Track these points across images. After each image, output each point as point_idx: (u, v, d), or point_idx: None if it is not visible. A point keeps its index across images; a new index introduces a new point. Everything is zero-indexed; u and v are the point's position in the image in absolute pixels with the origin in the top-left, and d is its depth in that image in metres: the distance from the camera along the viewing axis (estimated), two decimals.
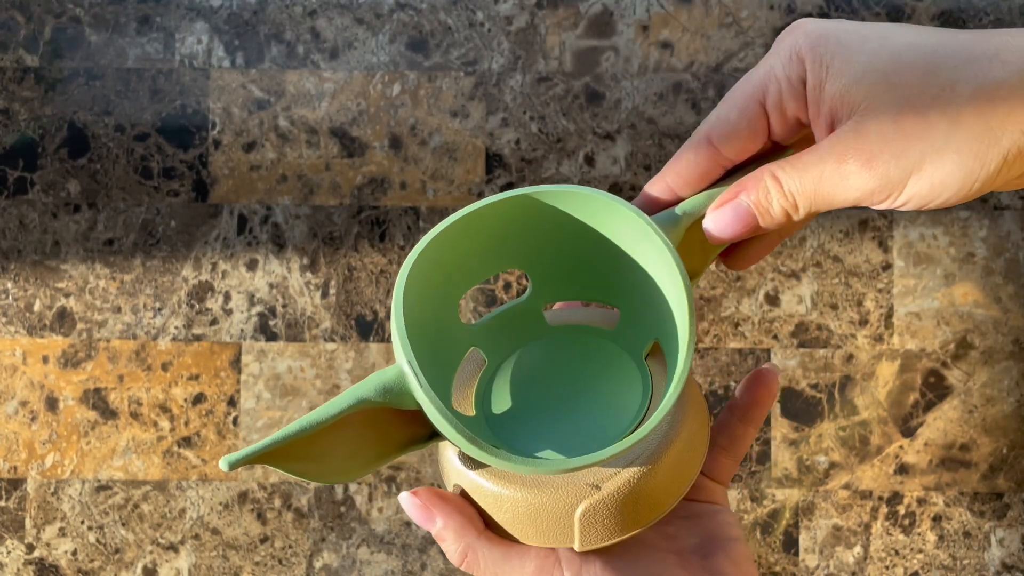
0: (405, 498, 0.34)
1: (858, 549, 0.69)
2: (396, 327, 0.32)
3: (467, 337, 0.37)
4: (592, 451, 0.32)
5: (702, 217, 0.34)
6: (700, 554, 0.34)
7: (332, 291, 0.70)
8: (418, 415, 0.32)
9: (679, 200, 0.35)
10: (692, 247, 0.36)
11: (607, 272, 0.36)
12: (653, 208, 0.35)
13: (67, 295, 0.70)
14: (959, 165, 0.31)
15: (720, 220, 0.34)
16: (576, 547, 0.33)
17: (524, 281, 0.64)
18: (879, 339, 0.69)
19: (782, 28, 0.72)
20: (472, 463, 0.34)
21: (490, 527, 0.34)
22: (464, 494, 0.34)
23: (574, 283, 0.38)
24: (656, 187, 0.35)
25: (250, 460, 0.29)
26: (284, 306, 0.70)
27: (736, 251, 0.37)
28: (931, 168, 0.31)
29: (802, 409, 0.69)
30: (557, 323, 0.38)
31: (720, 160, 0.34)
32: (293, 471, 0.31)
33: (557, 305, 0.40)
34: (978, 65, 0.30)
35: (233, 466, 0.29)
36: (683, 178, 0.35)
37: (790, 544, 0.69)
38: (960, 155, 0.30)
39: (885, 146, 0.31)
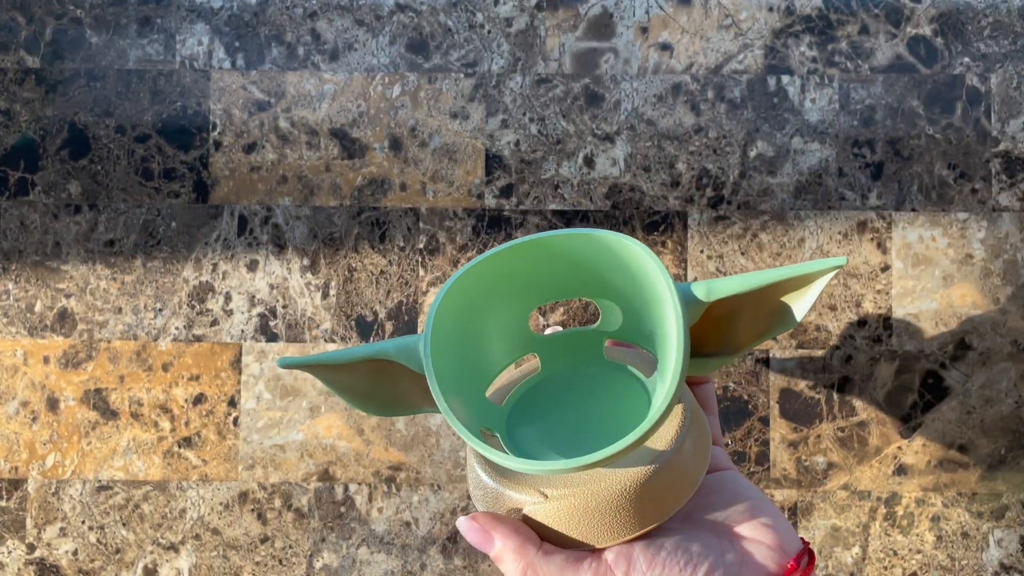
0: (463, 522, 0.35)
1: (856, 550, 0.69)
2: (427, 320, 0.37)
3: (527, 343, 0.43)
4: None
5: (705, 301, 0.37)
6: (731, 522, 0.35)
7: (332, 292, 0.70)
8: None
9: None
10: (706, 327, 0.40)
11: (639, 314, 0.40)
12: None
13: (68, 296, 0.71)
14: None
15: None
16: (596, 544, 0.34)
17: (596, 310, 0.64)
18: (877, 340, 0.69)
19: (781, 30, 0.72)
20: (495, 471, 0.36)
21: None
22: (523, 517, 0.35)
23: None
24: None
25: (299, 366, 0.38)
26: (284, 307, 0.70)
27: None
28: None
29: (800, 410, 0.69)
30: (611, 358, 0.43)
31: None
32: (335, 388, 0.39)
33: (610, 342, 0.44)
34: None
35: (286, 366, 0.37)
36: None
37: None
38: None
39: None
